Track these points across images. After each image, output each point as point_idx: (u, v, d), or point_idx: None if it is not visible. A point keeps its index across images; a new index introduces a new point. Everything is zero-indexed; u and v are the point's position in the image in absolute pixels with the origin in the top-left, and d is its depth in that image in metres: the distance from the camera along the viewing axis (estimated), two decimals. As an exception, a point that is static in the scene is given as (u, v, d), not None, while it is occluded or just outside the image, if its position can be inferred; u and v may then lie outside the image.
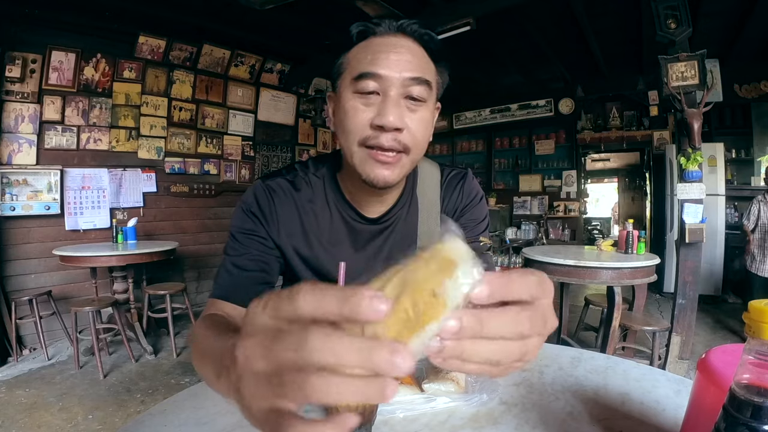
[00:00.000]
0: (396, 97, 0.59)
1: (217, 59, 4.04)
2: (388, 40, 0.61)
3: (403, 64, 0.59)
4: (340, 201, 0.73)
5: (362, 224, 0.73)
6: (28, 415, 2.11)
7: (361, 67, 0.59)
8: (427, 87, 0.60)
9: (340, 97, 0.63)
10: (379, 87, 0.58)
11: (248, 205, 0.70)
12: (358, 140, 0.60)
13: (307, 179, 0.73)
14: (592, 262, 2.18)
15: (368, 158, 0.60)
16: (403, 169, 0.63)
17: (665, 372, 0.59)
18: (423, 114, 0.61)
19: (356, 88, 0.59)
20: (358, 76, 0.59)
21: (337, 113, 0.65)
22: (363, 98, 0.59)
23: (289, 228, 0.71)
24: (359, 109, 0.59)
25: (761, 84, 4.31)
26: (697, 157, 2.39)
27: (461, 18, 3.03)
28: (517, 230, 5.83)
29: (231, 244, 0.70)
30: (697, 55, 2.35)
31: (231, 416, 0.48)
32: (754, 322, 0.24)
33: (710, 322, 3.62)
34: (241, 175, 4.41)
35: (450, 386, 0.51)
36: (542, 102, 5.71)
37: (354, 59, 0.61)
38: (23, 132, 3.10)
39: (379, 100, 0.59)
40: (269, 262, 0.70)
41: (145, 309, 3.22)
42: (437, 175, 0.80)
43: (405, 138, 0.59)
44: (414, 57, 0.60)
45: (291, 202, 0.71)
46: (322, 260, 0.73)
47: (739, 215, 4.50)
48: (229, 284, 0.67)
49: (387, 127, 0.57)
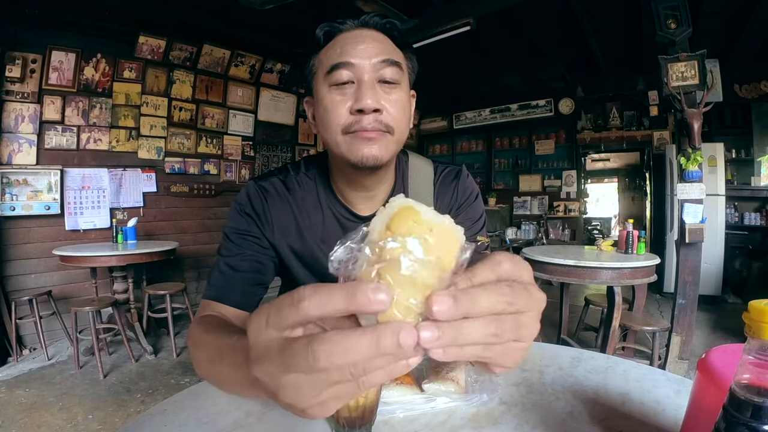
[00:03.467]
0: (370, 82, 0.61)
1: (217, 59, 4.04)
2: (354, 33, 0.63)
3: (371, 50, 0.61)
4: (332, 200, 0.74)
5: (354, 222, 0.74)
6: (28, 415, 2.10)
7: (333, 60, 0.61)
8: (398, 68, 0.63)
9: (317, 95, 0.65)
10: (353, 75, 0.61)
11: (242, 206, 0.70)
12: (341, 129, 0.62)
13: (298, 179, 0.74)
14: (592, 262, 2.18)
15: (353, 140, 0.61)
16: (389, 148, 0.64)
17: (665, 372, 0.59)
18: (398, 95, 0.63)
19: (331, 80, 0.61)
20: (331, 68, 0.61)
21: (317, 112, 0.66)
22: (339, 90, 0.61)
23: (283, 227, 0.71)
24: (337, 101, 0.61)
25: (761, 84, 4.32)
26: (697, 157, 2.39)
27: (461, 18, 3.03)
28: (517, 230, 5.83)
29: (225, 245, 0.70)
30: (697, 55, 2.35)
31: (231, 416, 0.48)
32: (754, 322, 0.24)
33: (710, 322, 3.62)
34: (241, 175, 4.41)
35: (450, 386, 0.51)
36: (542, 102, 5.71)
37: (324, 57, 0.64)
38: (23, 132, 3.10)
39: (354, 88, 0.61)
40: (263, 262, 0.70)
41: (145, 309, 3.22)
42: (430, 172, 0.80)
43: (386, 118, 0.61)
44: (380, 44, 0.63)
45: (284, 201, 0.72)
46: (318, 257, 0.73)
47: (739, 215, 4.51)
48: (222, 285, 0.67)
49: (366, 109, 0.59)
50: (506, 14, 3.37)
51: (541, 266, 2.30)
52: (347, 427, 0.44)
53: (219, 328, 0.51)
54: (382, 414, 0.47)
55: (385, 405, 0.48)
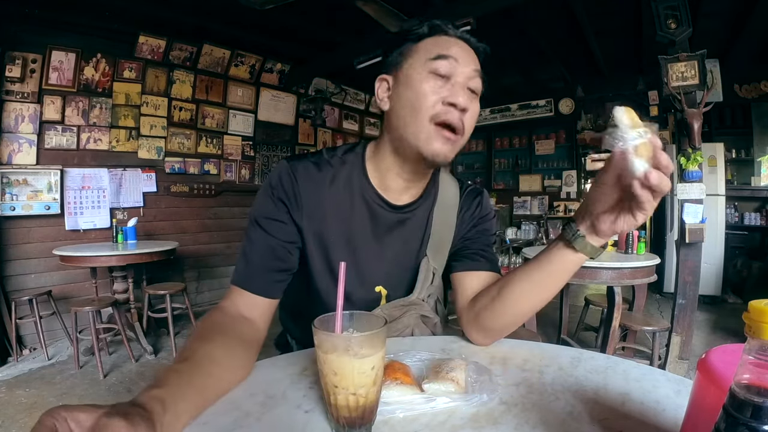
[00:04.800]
0: (464, 83, 0.67)
1: (217, 59, 4.04)
2: (455, 40, 0.70)
3: (470, 59, 0.68)
4: (366, 185, 0.75)
5: (386, 210, 0.75)
6: (28, 415, 2.10)
7: (440, 50, 0.66)
8: (482, 83, 0.70)
9: (409, 77, 0.68)
10: (451, 72, 0.66)
11: (274, 189, 0.71)
12: (429, 115, 0.65)
13: (332, 161, 0.75)
14: (592, 262, 2.15)
15: (437, 134, 0.65)
16: (455, 150, 0.68)
17: (665, 372, 0.59)
18: (476, 106, 0.69)
19: (432, 67, 0.65)
20: (438, 56, 0.65)
21: (402, 93, 0.68)
22: (435, 80, 0.66)
23: (310, 209, 0.72)
24: (432, 89, 0.65)
25: (761, 84, 4.32)
26: (697, 157, 2.39)
27: (461, 18, 3.03)
28: (517, 230, 5.83)
29: (252, 230, 0.70)
30: (697, 55, 2.35)
31: (230, 416, 0.48)
32: (754, 322, 0.24)
33: (710, 322, 3.62)
34: (241, 175, 4.41)
35: (450, 386, 0.51)
36: (542, 102, 5.72)
37: (429, 45, 0.68)
38: (23, 132, 3.10)
39: (448, 84, 0.66)
40: (289, 249, 0.71)
41: (145, 309, 3.22)
42: (455, 184, 0.85)
43: (467, 120, 0.67)
44: (475, 58, 0.70)
45: (314, 184, 0.72)
46: (338, 248, 0.73)
47: (739, 215, 4.51)
48: (246, 272, 0.68)
49: (459, 105, 0.64)
50: (506, 14, 3.38)
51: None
52: (347, 427, 0.44)
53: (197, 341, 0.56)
54: (382, 414, 0.47)
55: (385, 405, 0.48)
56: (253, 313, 0.67)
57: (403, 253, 0.78)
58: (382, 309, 0.76)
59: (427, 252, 0.79)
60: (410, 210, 0.77)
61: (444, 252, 0.81)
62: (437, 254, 0.80)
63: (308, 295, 0.77)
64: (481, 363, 0.59)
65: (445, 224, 0.80)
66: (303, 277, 0.76)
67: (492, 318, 0.68)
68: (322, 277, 0.75)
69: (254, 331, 0.65)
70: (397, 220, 0.76)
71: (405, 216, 0.77)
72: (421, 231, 0.79)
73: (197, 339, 0.57)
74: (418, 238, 0.79)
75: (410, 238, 0.78)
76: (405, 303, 0.78)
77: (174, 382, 0.45)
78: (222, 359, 0.54)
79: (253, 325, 0.66)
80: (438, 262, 0.80)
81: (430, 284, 0.79)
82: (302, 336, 0.86)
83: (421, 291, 0.78)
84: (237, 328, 0.62)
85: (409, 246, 0.78)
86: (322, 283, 0.75)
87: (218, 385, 0.52)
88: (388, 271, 0.77)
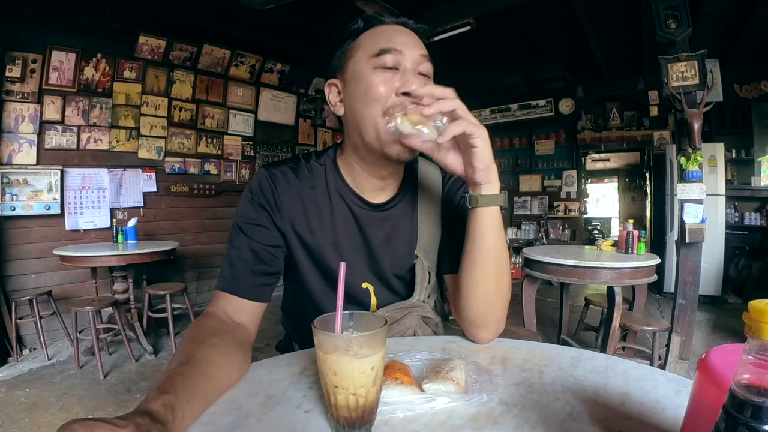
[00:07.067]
0: (414, 70, 0.65)
1: (217, 59, 4.04)
2: (395, 27, 0.68)
3: (414, 43, 0.67)
4: (342, 187, 0.74)
5: (366, 210, 0.75)
6: (28, 415, 2.10)
7: (380, 45, 0.65)
8: (431, 65, 0.68)
9: (356, 76, 0.66)
10: (398, 62, 0.64)
11: (253, 195, 0.71)
12: (383, 110, 0.63)
13: (308, 166, 0.75)
14: (592, 262, 2.17)
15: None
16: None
17: (665, 372, 0.58)
18: None
19: (377, 63, 0.64)
20: (380, 51, 0.64)
21: (352, 92, 0.67)
22: (384, 72, 0.64)
23: (292, 214, 0.72)
24: (382, 81, 0.63)
25: (761, 84, 4.31)
26: (698, 157, 2.39)
27: (461, 18, 3.03)
28: (517, 230, 5.84)
29: (235, 235, 0.70)
30: (697, 55, 2.35)
31: (230, 416, 0.48)
32: (754, 322, 0.24)
33: (710, 322, 3.62)
34: (241, 175, 4.41)
35: (450, 386, 0.51)
36: (542, 102, 5.71)
37: (368, 42, 0.67)
38: (23, 132, 3.10)
39: (397, 75, 0.64)
40: (273, 252, 0.71)
41: (145, 309, 3.22)
42: (438, 174, 0.82)
43: None
44: (418, 41, 0.68)
45: (293, 188, 0.72)
46: (324, 249, 0.73)
47: (739, 215, 4.51)
48: (232, 277, 0.68)
49: (413, 93, 0.62)
50: (506, 14, 3.37)
51: (541, 266, 2.30)
52: (347, 427, 0.44)
53: (193, 344, 0.56)
54: (382, 414, 0.47)
55: (385, 405, 0.48)
56: (242, 317, 0.67)
57: (390, 250, 0.77)
58: (384, 311, 0.77)
59: (419, 253, 0.78)
60: (391, 207, 0.76)
61: (435, 248, 0.80)
62: (429, 252, 0.79)
63: (302, 298, 0.77)
64: (481, 363, 0.59)
65: (431, 217, 0.79)
66: (295, 281, 0.77)
67: (468, 307, 0.68)
68: (312, 280, 0.75)
69: (245, 333, 0.66)
70: (379, 218, 0.76)
71: (387, 213, 0.76)
72: (407, 228, 0.78)
73: (192, 342, 0.56)
74: (405, 235, 0.78)
75: (395, 235, 0.77)
76: (406, 305, 0.78)
77: (180, 387, 0.46)
78: (220, 361, 0.54)
79: (243, 328, 0.66)
80: (431, 260, 0.80)
81: (428, 284, 0.80)
82: (303, 340, 0.86)
83: (421, 293, 0.78)
84: (229, 331, 0.62)
85: (396, 243, 0.78)
86: (314, 284, 0.75)
87: (218, 388, 0.52)
88: (374, 269, 0.77)
